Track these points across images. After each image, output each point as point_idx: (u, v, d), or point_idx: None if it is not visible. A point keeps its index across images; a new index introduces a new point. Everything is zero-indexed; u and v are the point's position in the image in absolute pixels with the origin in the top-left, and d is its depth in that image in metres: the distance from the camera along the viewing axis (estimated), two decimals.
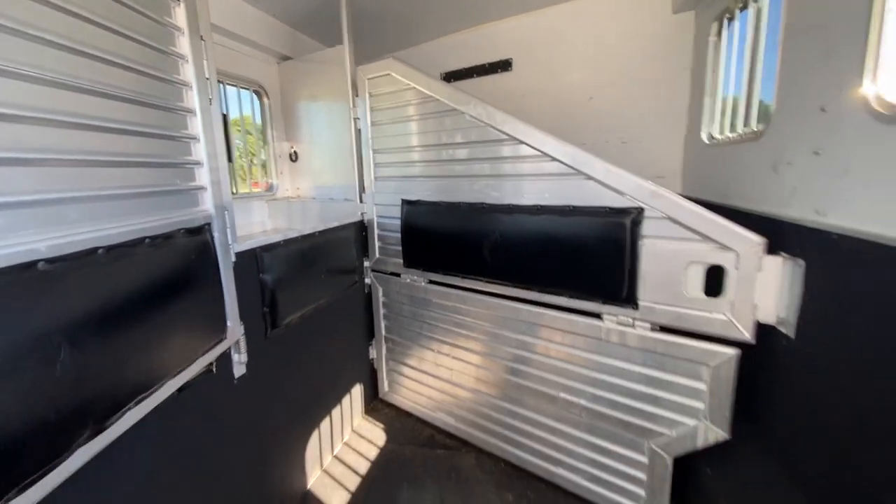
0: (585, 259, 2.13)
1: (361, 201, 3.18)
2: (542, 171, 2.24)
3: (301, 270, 2.43)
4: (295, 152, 3.76)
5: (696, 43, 2.86)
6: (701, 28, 2.78)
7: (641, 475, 2.20)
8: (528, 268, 2.37)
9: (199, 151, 1.67)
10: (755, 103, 2.18)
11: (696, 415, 1.95)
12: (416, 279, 3.00)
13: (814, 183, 1.53)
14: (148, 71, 1.43)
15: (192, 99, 1.64)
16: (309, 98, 3.51)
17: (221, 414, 1.90)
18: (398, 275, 3.12)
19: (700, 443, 1.95)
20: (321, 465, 2.76)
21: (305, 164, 3.73)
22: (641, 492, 2.21)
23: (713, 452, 1.97)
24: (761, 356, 1.76)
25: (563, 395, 2.40)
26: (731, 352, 1.81)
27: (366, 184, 3.14)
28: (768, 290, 1.69)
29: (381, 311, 3.32)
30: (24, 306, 1.00)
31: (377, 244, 3.21)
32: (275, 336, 2.23)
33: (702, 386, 1.91)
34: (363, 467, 2.77)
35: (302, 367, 2.53)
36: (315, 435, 2.69)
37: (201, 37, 1.66)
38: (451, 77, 3.99)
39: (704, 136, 2.71)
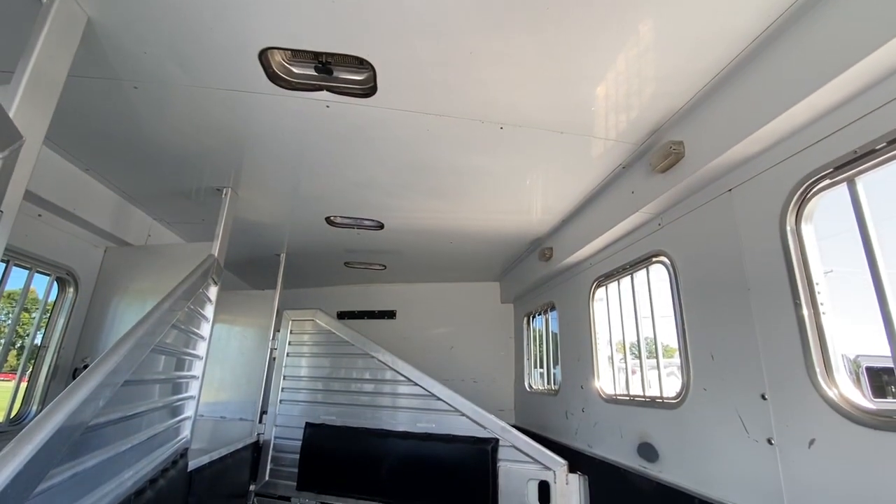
0: (461, 478, 2.91)
1: (261, 422, 3.50)
2: (431, 406, 3.16)
3: (213, 494, 2.58)
4: None
5: (515, 324, 4.58)
6: (518, 317, 4.54)
7: None
8: (416, 487, 2.99)
9: (195, 388, 2.17)
10: (553, 373, 3.66)
11: None
12: (306, 503, 3.22)
13: (584, 427, 2.80)
14: (190, 331, 2.06)
15: (203, 347, 2.24)
16: (224, 323, 4.03)
17: None
18: (287, 499, 3.28)
19: None
20: None
21: None
22: None
23: None
24: None
25: None
26: None
27: (269, 405, 3.54)
28: (573, 497, 2.70)
29: None
30: None
31: (269, 466, 3.41)
32: None
33: None
34: None
35: None
36: None
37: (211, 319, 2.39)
38: (346, 316, 5.03)
39: (526, 385, 4.11)
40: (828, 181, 1.35)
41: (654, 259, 2.21)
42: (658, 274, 2.25)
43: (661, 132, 1.91)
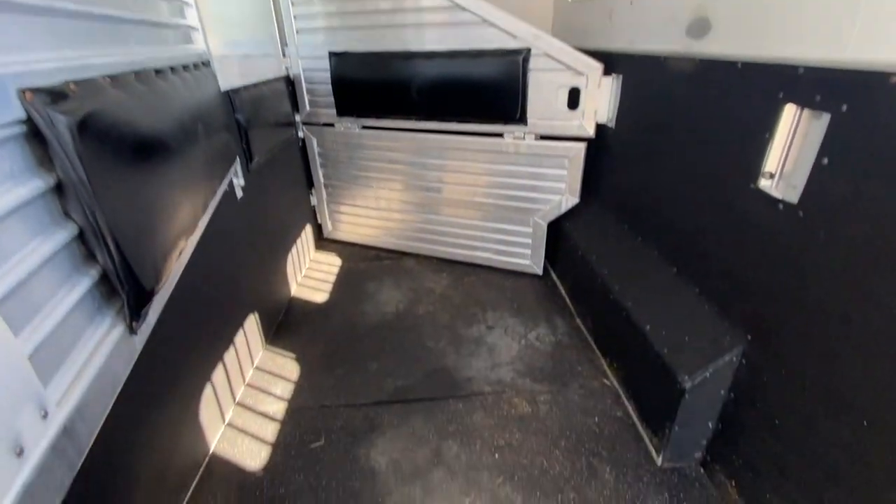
0: (492, 92, 2.93)
1: (285, 55, 3.40)
2: (456, 20, 2.83)
3: (259, 115, 2.79)
4: None
5: None
6: None
7: (528, 240, 3.39)
8: (448, 104, 3.09)
9: None
10: None
11: (561, 192, 3.07)
12: (350, 126, 3.52)
13: (629, 24, 2.46)
14: None
15: None
16: None
17: (234, 227, 2.44)
18: (331, 125, 3.58)
19: (563, 209, 3.12)
20: (296, 281, 3.49)
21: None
22: (528, 251, 3.43)
23: (570, 214, 3.16)
24: (598, 145, 2.86)
25: (476, 198, 3.38)
26: (581, 146, 2.87)
27: (287, 38, 3.34)
28: (603, 100, 2.71)
29: (318, 160, 3.82)
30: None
31: (307, 98, 3.55)
32: (252, 170, 2.69)
33: (564, 172, 3.00)
34: (329, 279, 3.57)
35: (270, 201, 3.06)
36: (288, 256, 3.34)
37: None
38: None
39: None
40: None
41: None
42: None
43: None
